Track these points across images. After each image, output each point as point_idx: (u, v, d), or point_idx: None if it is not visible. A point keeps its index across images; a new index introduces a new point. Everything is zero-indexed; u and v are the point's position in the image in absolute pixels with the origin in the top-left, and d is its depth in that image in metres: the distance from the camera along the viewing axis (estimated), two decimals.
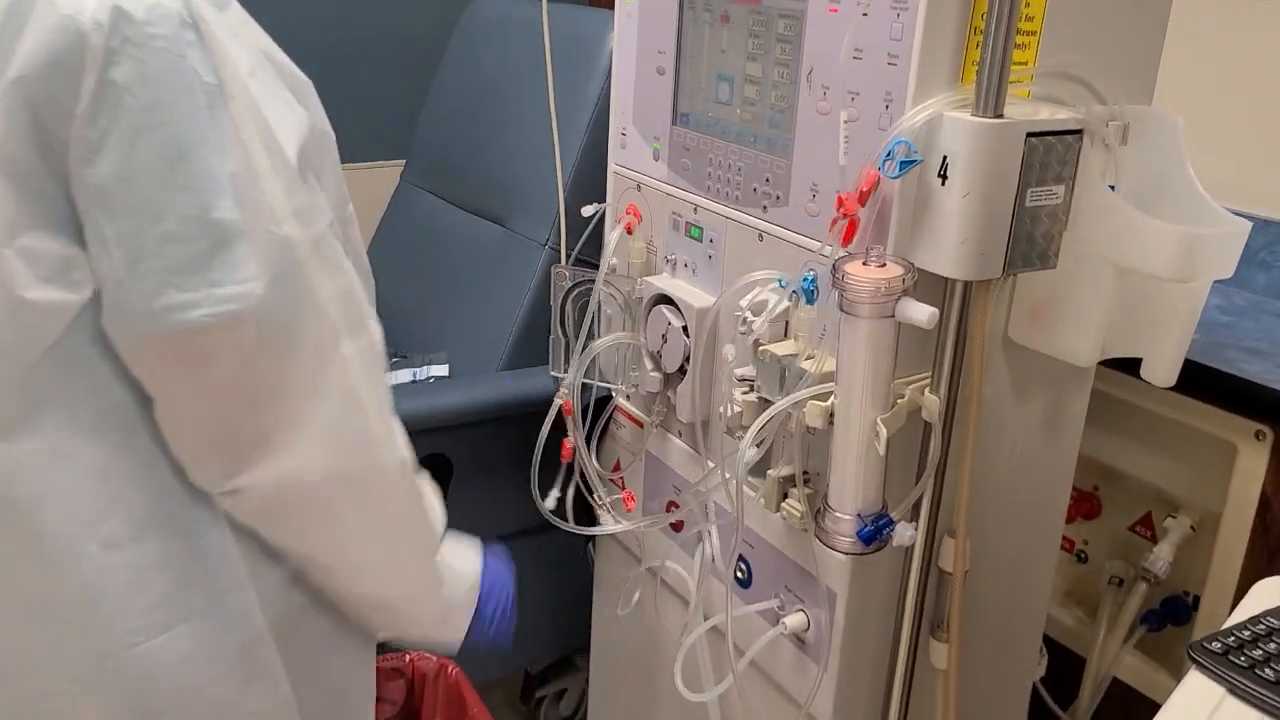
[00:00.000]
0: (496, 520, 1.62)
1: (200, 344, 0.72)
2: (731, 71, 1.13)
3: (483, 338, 1.70)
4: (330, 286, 0.77)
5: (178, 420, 0.77)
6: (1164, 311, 0.99)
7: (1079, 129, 0.94)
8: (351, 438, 0.80)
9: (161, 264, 0.70)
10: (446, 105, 1.95)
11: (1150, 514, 1.49)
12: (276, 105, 0.75)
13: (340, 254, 0.78)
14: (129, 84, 0.68)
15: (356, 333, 0.79)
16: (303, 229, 0.74)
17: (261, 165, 0.72)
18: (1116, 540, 1.52)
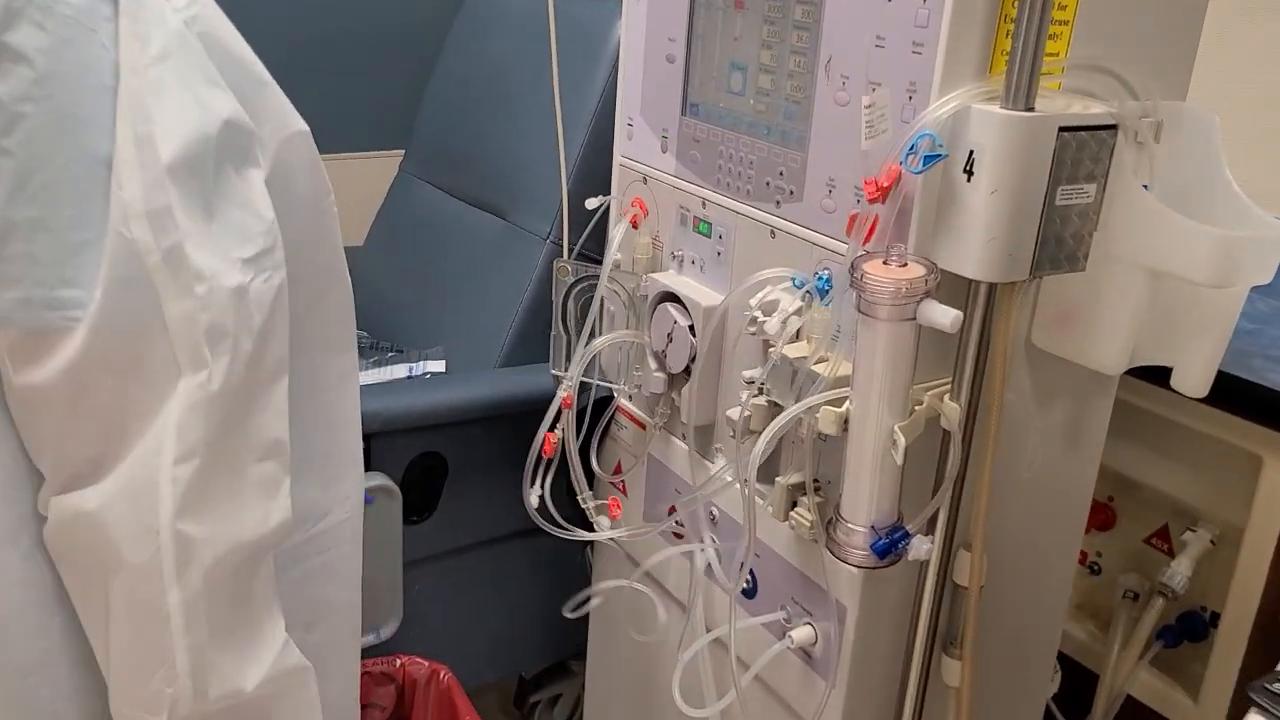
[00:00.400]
0: (491, 521, 1.58)
1: (37, 348, 0.65)
2: (745, 60, 1.08)
3: (481, 333, 1.65)
4: (177, 308, 0.67)
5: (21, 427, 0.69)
6: (1198, 318, 0.94)
7: (1113, 124, 0.89)
8: (140, 484, 0.68)
9: (20, 250, 0.64)
10: (447, 95, 1.90)
11: (1167, 526, 1.45)
12: (174, 96, 0.67)
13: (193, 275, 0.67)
14: (25, 51, 0.62)
15: (196, 368, 0.68)
16: (155, 235, 0.65)
17: (127, 156, 0.65)
18: (1131, 552, 1.48)
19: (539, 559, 1.64)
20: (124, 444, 0.67)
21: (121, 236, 0.65)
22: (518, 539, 1.60)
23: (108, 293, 0.65)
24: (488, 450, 1.52)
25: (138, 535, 0.67)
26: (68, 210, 0.64)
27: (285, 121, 0.77)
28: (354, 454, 0.89)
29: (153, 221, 0.65)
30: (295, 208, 0.76)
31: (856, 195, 0.96)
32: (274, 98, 0.76)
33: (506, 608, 1.64)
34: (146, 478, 0.67)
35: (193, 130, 0.67)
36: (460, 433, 1.48)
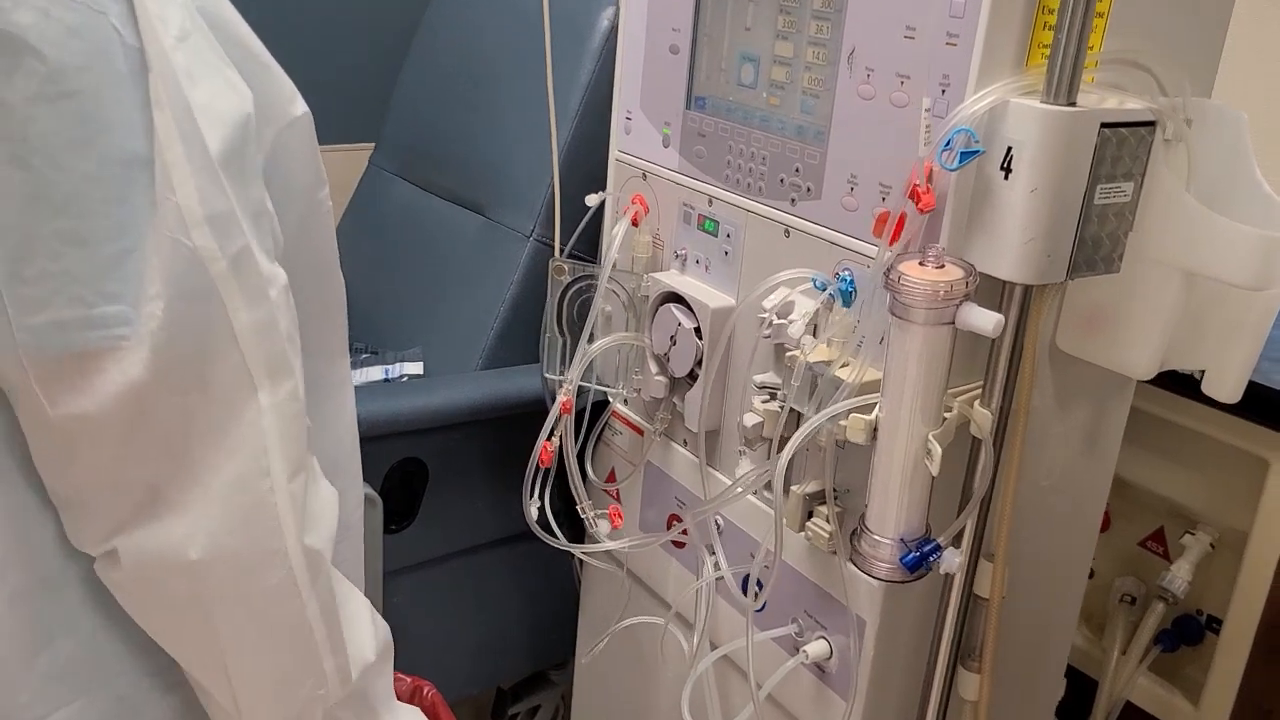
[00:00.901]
0: (472, 528, 1.52)
1: (82, 373, 0.58)
2: (757, 51, 1.03)
3: (460, 334, 1.59)
4: (249, 317, 0.62)
5: (54, 461, 0.62)
6: (1232, 321, 0.92)
7: (1152, 121, 0.86)
8: (250, 512, 0.64)
9: (48, 269, 0.56)
10: (420, 86, 1.84)
11: (1163, 529, 1.43)
12: (207, 83, 0.61)
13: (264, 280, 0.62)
14: (30, 40, 0.54)
15: (278, 379, 0.64)
16: (219, 241, 0.60)
17: (174, 156, 0.58)
18: (1126, 556, 1.46)
19: (522, 566, 1.58)
20: (188, 468, 0.62)
21: (181, 245, 0.58)
22: (500, 546, 1.55)
23: (171, 307, 0.58)
24: (470, 455, 1.46)
25: (263, 561, 0.64)
26: (101, 220, 0.57)
27: (287, 105, 0.70)
28: (356, 463, 0.84)
29: (215, 227, 0.59)
30: (292, 200, 0.70)
31: (881, 193, 0.92)
32: (277, 80, 0.70)
33: (488, 618, 1.58)
34: (254, 501, 0.63)
35: (233, 116, 0.61)
36: (442, 438, 1.42)
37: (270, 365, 0.63)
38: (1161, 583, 1.35)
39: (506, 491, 1.51)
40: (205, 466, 0.61)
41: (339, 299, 0.80)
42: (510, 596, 1.60)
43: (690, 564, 1.22)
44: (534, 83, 1.60)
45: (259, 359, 0.62)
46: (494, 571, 1.57)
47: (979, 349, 0.91)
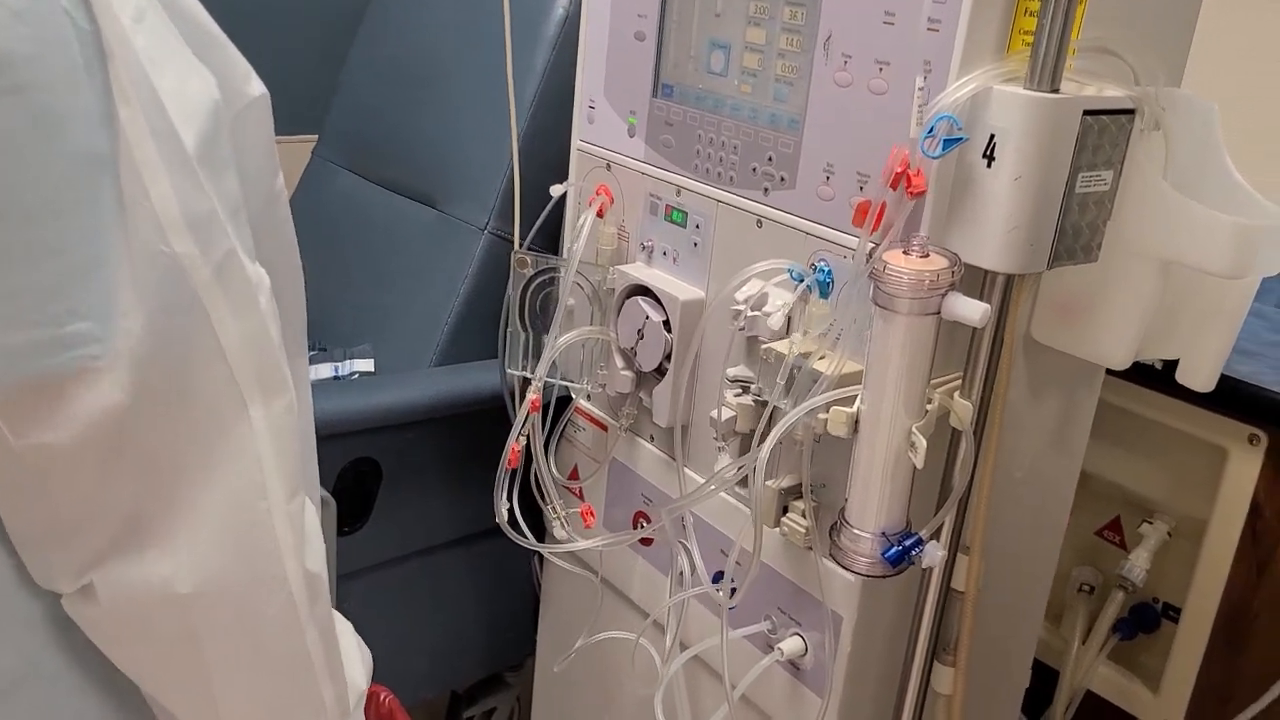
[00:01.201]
0: (428, 529, 1.48)
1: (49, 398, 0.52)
2: (728, 38, 1.01)
3: (412, 330, 1.55)
4: (237, 328, 0.56)
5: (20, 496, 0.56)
6: (1206, 310, 0.92)
7: (1132, 109, 0.85)
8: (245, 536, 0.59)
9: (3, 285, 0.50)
10: (366, 75, 1.79)
11: (1119, 518, 1.44)
12: (172, 67, 0.54)
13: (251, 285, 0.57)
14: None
15: (272, 393, 0.58)
16: (202, 246, 0.54)
17: (145, 154, 0.52)
18: (1083, 545, 1.47)
19: (478, 567, 1.55)
20: (175, 494, 0.56)
21: (160, 254, 0.52)
22: (456, 547, 1.51)
23: (152, 322, 0.52)
24: (424, 454, 1.43)
25: (262, 589, 0.58)
26: (62, 229, 0.51)
27: (243, 85, 0.63)
28: (314, 468, 0.80)
29: (197, 231, 0.53)
30: (252, 191, 0.64)
31: (859, 182, 0.91)
32: (232, 58, 0.63)
33: (443, 619, 1.54)
34: (251, 524, 0.57)
35: (204, 104, 0.55)
36: (396, 437, 1.38)
37: (262, 378, 0.57)
38: (1121, 571, 1.36)
39: (463, 491, 1.48)
40: (194, 491, 0.56)
41: (300, 295, 0.74)
42: (466, 598, 1.56)
43: (658, 562, 1.20)
44: (485, 73, 1.56)
45: (249, 372, 0.57)
46: (449, 572, 1.53)
47: (957, 340, 0.90)
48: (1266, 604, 1.24)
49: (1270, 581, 1.23)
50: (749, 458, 0.94)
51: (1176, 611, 1.35)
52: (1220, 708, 1.29)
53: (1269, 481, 1.21)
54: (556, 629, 1.43)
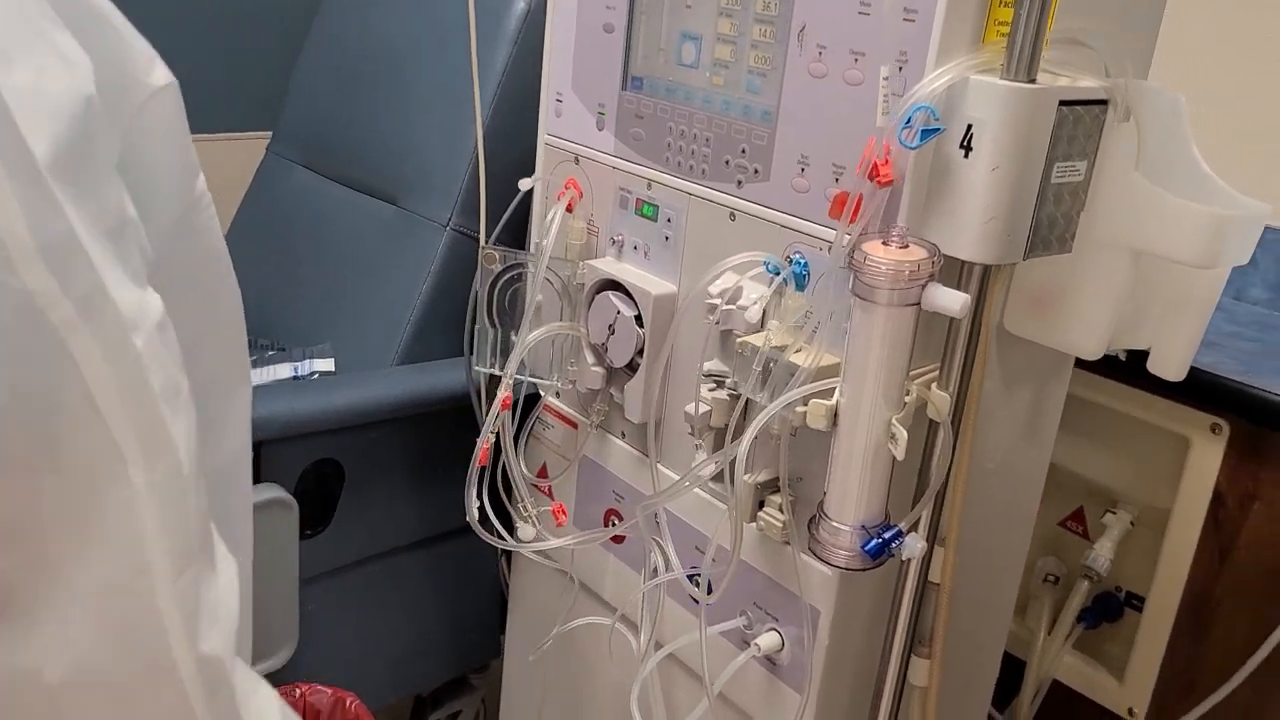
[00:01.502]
0: (393, 529, 1.46)
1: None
2: (699, 29, 1.00)
3: (373, 328, 1.52)
4: (109, 374, 0.47)
5: None
6: (1178, 300, 0.93)
7: (1105, 99, 0.86)
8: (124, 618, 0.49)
9: None
10: (321, 71, 1.75)
11: (1082, 508, 1.46)
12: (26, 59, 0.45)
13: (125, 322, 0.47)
14: None
15: (154, 451, 0.49)
16: (60, 278, 0.44)
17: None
18: (1046, 536, 1.48)
19: (443, 568, 1.53)
20: (44, 568, 0.47)
21: (6, 289, 0.43)
22: (420, 548, 1.49)
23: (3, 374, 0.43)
24: (388, 454, 1.41)
25: (146, 681, 0.50)
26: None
27: (144, 75, 0.55)
28: (246, 509, 0.71)
29: (52, 259, 0.44)
30: (161, 198, 0.56)
31: (835, 173, 0.90)
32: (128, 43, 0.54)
33: (408, 622, 1.52)
34: (131, 606, 0.49)
35: (67, 101, 0.46)
36: (358, 437, 1.36)
37: (143, 434, 0.48)
38: (1085, 561, 1.38)
39: (427, 491, 1.45)
40: (67, 565, 0.47)
41: (235, 312, 0.66)
42: (430, 600, 1.54)
43: (630, 560, 1.19)
44: (444, 68, 1.54)
45: (127, 427, 0.47)
46: (414, 574, 1.51)
47: (933, 331, 0.89)
48: (1229, 591, 1.26)
49: (1232, 569, 1.25)
50: (726, 452, 0.93)
51: (1140, 600, 1.37)
52: (1185, 695, 1.31)
53: (1230, 470, 1.23)
54: (526, 629, 1.41)
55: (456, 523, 1.48)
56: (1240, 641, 1.25)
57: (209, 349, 0.62)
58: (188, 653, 0.50)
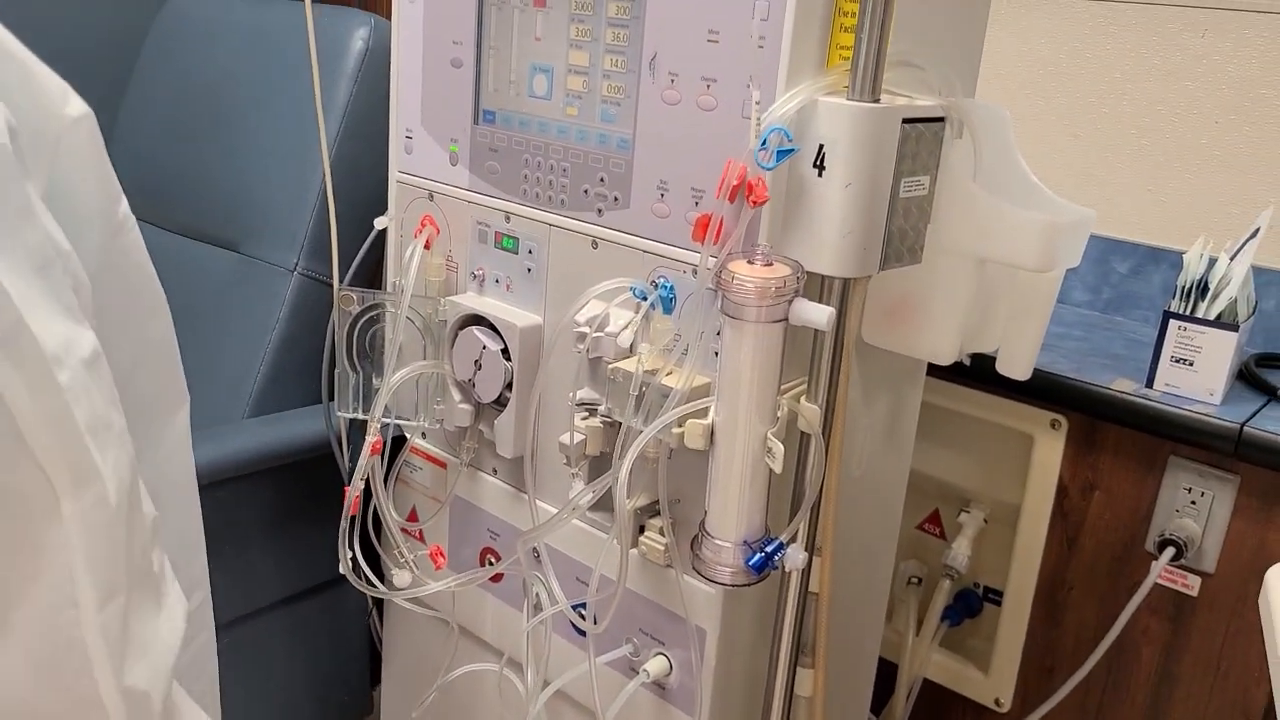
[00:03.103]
0: (250, 591, 1.39)
1: None
2: (550, 61, 1.01)
3: (220, 381, 1.46)
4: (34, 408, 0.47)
5: None
6: (1021, 304, 0.98)
7: (942, 117, 0.90)
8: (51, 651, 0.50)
9: None
10: (147, 120, 1.68)
11: (938, 510, 1.52)
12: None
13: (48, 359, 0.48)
14: None
15: (81, 482, 0.49)
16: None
17: None
18: (906, 540, 1.54)
19: (306, 627, 1.47)
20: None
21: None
22: (282, 608, 1.43)
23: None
24: (245, 512, 1.35)
25: (71, 712, 0.49)
26: None
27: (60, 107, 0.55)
28: (198, 527, 0.72)
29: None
30: (85, 226, 0.57)
31: (694, 197, 0.92)
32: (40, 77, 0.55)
33: (272, 688, 1.45)
34: (58, 640, 0.48)
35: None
36: (209, 496, 1.28)
37: (71, 465, 0.49)
38: (945, 560, 1.43)
39: (287, 547, 1.40)
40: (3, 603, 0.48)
41: (167, 332, 0.67)
42: (295, 663, 1.48)
43: (510, 598, 1.17)
44: (278, 108, 1.50)
45: (55, 459, 0.48)
46: (277, 635, 1.45)
47: (798, 346, 0.92)
48: (1079, 576, 1.33)
49: (1079, 554, 1.33)
50: (606, 478, 0.93)
51: (998, 594, 1.43)
52: (1046, 679, 1.38)
53: (1071, 462, 1.31)
54: (402, 682, 1.37)
55: (319, 578, 1.43)
56: (1092, 624, 1.33)
57: (145, 370, 0.63)
58: (113, 685, 0.50)
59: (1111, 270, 1.50)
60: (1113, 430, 1.27)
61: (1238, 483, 1.19)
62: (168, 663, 0.54)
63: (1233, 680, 1.24)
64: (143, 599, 0.53)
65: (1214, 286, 1.20)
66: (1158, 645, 1.29)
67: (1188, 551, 1.22)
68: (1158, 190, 1.46)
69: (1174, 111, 1.43)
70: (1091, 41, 1.47)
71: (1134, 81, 1.45)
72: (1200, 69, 1.40)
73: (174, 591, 0.57)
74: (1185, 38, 1.40)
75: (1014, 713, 1.42)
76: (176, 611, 0.56)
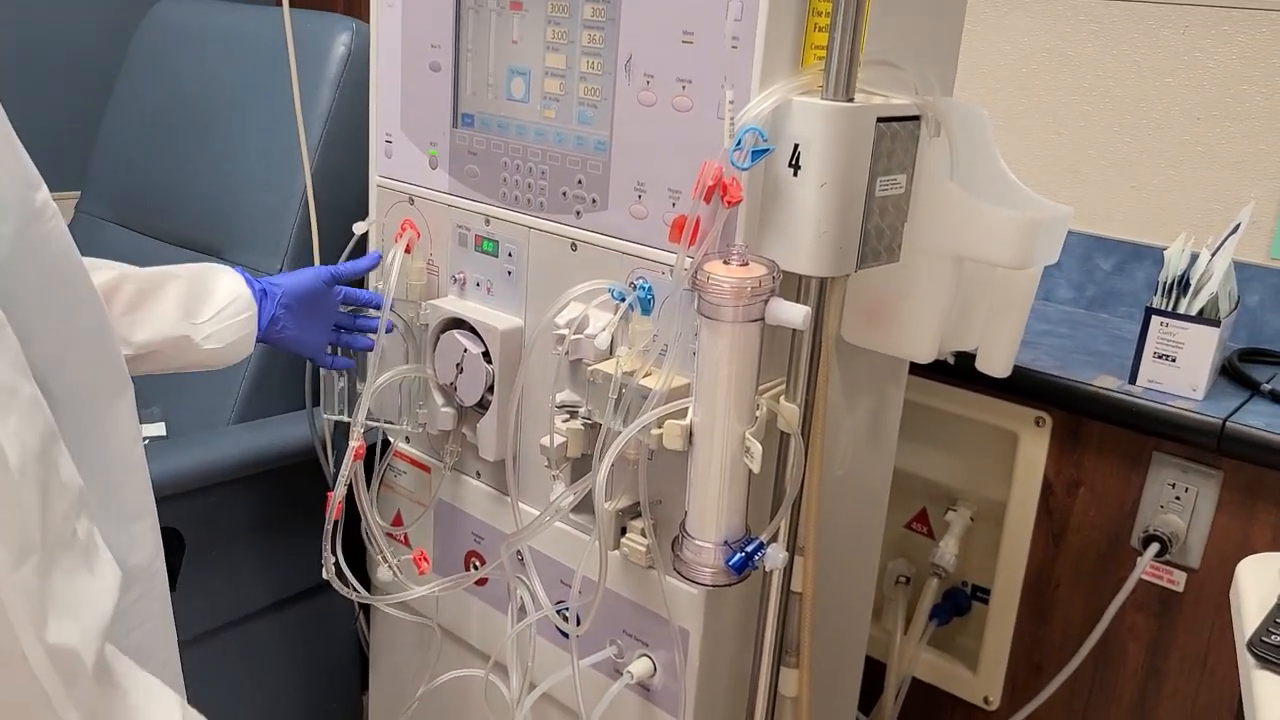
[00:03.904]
0: (238, 597, 1.39)
1: None
2: (527, 64, 1.01)
3: (205, 388, 1.46)
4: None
5: None
6: (999, 301, 0.98)
7: (917, 115, 0.91)
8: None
9: None
10: (131, 125, 1.68)
11: (925, 510, 1.52)
12: None
13: None
14: None
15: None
16: None
17: None
18: (894, 540, 1.54)
19: (295, 633, 1.47)
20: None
21: None
22: (270, 613, 1.43)
23: None
24: (230, 518, 1.34)
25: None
26: None
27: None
28: (149, 509, 0.73)
29: None
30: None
31: (671, 198, 0.92)
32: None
33: (261, 695, 1.45)
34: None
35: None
36: (196, 502, 1.29)
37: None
38: (933, 559, 1.43)
39: (274, 552, 1.40)
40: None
41: (98, 320, 0.67)
42: (284, 668, 1.48)
43: (495, 602, 1.17)
44: (260, 115, 1.50)
45: None
46: (266, 641, 1.44)
47: (776, 346, 0.92)
48: (1065, 574, 1.33)
49: (1066, 550, 1.33)
50: (586, 480, 0.93)
51: (986, 592, 1.43)
52: (1034, 676, 1.38)
53: (1056, 459, 1.31)
54: (389, 686, 1.36)
55: (307, 583, 1.42)
56: (1079, 620, 1.33)
57: (74, 355, 0.63)
58: (34, 641, 0.50)
59: (1095, 267, 1.50)
60: (1097, 427, 1.27)
61: (1221, 478, 1.20)
62: (99, 624, 0.55)
63: (1219, 676, 1.24)
64: (69, 562, 0.54)
65: (1195, 282, 1.20)
66: (1144, 641, 1.29)
67: (1172, 547, 1.22)
68: (1140, 187, 1.46)
69: (1155, 108, 1.43)
70: (1073, 39, 1.48)
71: (1116, 78, 1.45)
72: (1181, 66, 1.40)
73: (104, 559, 0.58)
74: (1166, 34, 1.41)
75: (1002, 710, 1.42)
76: (108, 578, 0.57)
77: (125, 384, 0.70)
